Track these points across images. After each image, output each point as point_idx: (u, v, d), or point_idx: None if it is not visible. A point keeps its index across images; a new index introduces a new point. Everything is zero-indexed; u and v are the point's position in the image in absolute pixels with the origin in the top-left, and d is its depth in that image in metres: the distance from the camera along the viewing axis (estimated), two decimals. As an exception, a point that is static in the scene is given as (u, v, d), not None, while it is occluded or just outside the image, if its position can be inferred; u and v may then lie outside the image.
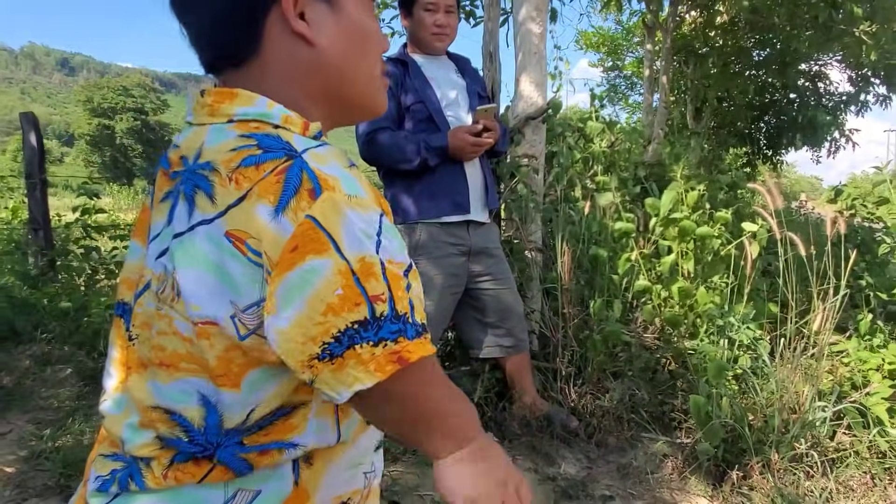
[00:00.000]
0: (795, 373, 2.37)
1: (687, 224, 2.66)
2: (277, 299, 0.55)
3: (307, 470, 0.67)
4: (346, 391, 0.57)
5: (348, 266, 0.55)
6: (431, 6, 2.39)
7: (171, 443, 0.63)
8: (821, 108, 9.99)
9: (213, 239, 0.57)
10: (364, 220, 0.57)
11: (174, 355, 0.61)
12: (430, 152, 2.27)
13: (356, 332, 0.56)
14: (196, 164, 0.62)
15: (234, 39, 0.66)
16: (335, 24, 0.68)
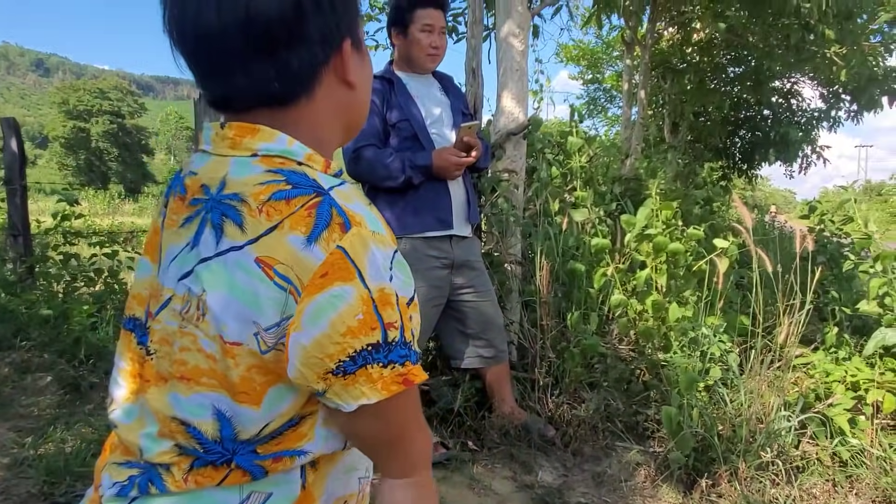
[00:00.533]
0: (762, 384, 2.47)
1: (660, 240, 2.75)
2: (304, 318, 0.62)
3: (313, 474, 0.73)
4: (353, 403, 0.64)
5: (369, 294, 0.62)
6: (428, 27, 2.46)
7: (189, 452, 0.68)
8: (793, 125, 10.26)
9: (241, 264, 0.64)
10: (384, 255, 0.65)
11: (196, 370, 0.67)
12: (415, 171, 2.34)
13: (369, 353, 0.63)
14: (222, 195, 0.67)
15: (293, 86, 0.70)
16: (362, 67, 0.77)
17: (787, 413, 2.39)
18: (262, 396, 0.66)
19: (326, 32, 0.70)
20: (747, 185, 14.20)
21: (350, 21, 0.73)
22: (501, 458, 2.50)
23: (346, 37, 0.72)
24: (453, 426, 2.69)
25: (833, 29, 5.36)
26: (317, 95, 0.72)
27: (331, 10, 0.70)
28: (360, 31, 0.76)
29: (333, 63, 0.72)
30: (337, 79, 0.73)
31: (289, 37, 0.67)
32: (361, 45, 0.77)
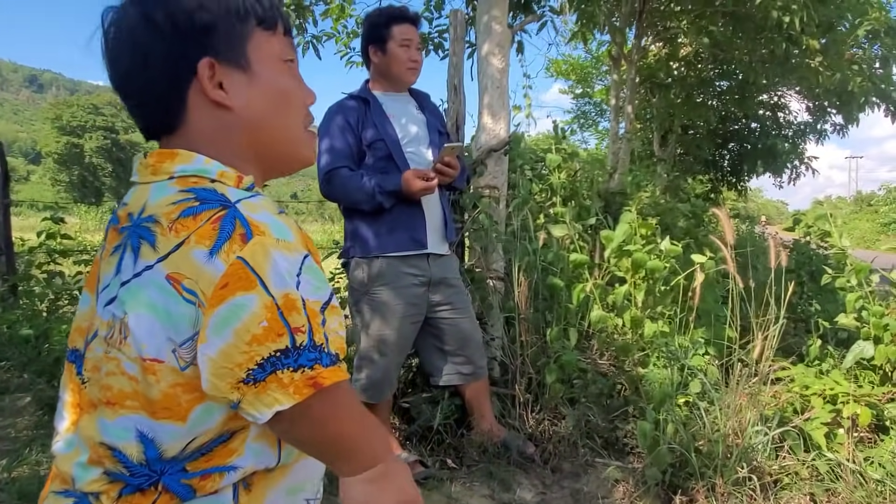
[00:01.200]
0: (739, 399, 2.47)
1: (639, 256, 2.77)
2: (209, 330, 0.63)
3: (246, 495, 0.73)
4: (267, 411, 0.64)
5: (273, 301, 0.63)
6: (406, 42, 2.48)
7: (117, 477, 0.68)
8: (780, 137, 10.37)
9: (154, 282, 0.65)
10: (288, 261, 0.65)
11: (120, 394, 0.68)
12: (384, 196, 2.35)
13: (278, 359, 0.63)
14: (140, 219, 0.70)
15: (164, 112, 0.75)
16: (250, 88, 0.76)
17: (763, 428, 2.40)
18: (188, 413, 0.67)
19: (172, 54, 0.73)
20: (739, 196, 14.31)
21: (211, 40, 0.73)
22: (480, 476, 2.49)
23: (205, 56, 0.73)
24: (433, 444, 2.68)
25: (816, 39, 5.43)
26: (189, 120, 0.75)
27: (173, 31, 0.72)
28: (240, 48, 0.75)
29: (196, 84, 0.74)
30: (207, 102, 0.74)
31: (135, 66, 0.74)
32: (243, 62, 0.75)
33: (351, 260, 2.50)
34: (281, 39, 0.80)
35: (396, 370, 2.55)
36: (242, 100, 0.76)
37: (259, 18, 0.77)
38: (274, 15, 0.79)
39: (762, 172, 10.76)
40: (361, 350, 2.48)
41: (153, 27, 0.72)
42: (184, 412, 0.67)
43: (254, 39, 0.77)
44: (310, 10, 4.86)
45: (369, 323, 2.44)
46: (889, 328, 2.76)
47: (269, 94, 0.77)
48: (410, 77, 2.53)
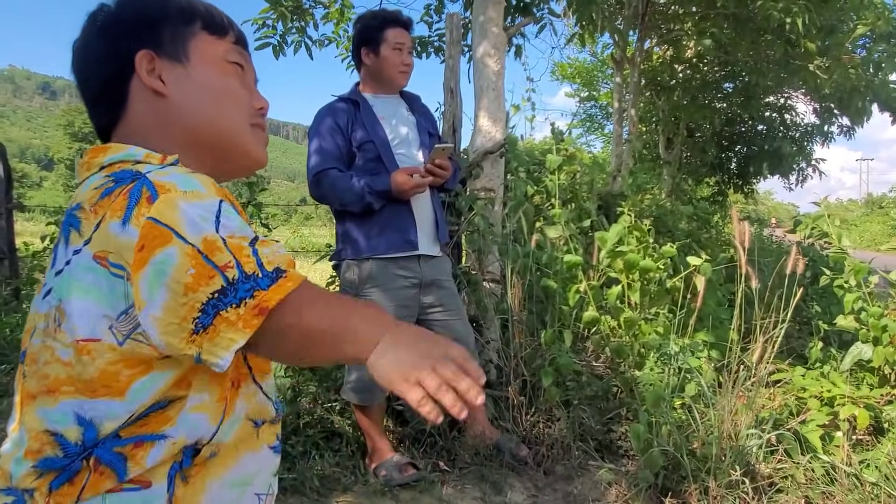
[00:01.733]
0: (735, 401, 2.45)
1: (632, 257, 2.75)
2: (142, 294, 0.63)
3: (182, 487, 0.72)
4: (227, 354, 0.64)
5: (194, 248, 0.64)
6: (399, 45, 2.49)
7: (46, 465, 0.68)
8: (787, 139, 10.30)
9: (83, 265, 0.67)
10: (201, 207, 0.66)
11: (56, 380, 0.69)
12: (373, 196, 2.35)
13: (218, 300, 0.63)
14: (70, 210, 0.72)
15: (110, 106, 0.80)
16: (187, 81, 0.81)
17: (757, 430, 2.37)
18: (128, 388, 0.68)
19: (113, 48, 0.79)
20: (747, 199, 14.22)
21: (148, 33, 0.79)
22: (472, 479, 2.48)
23: (142, 49, 0.79)
24: (425, 446, 2.68)
25: (815, 42, 5.40)
26: (130, 110, 0.80)
27: (114, 26, 0.79)
28: (181, 44, 0.81)
29: (138, 76, 0.79)
30: (146, 91, 0.79)
31: (86, 65, 0.81)
32: (182, 57, 0.81)
33: (342, 262, 2.50)
34: (228, 45, 0.85)
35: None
36: (177, 89, 0.80)
37: (205, 23, 0.83)
38: (223, 25, 0.85)
39: (769, 175, 10.69)
40: (353, 352, 2.47)
41: (100, 29, 0.80)
42: (123, 387, 0.68)
43: (197, 39, 0.82)
44: (310, 14, 4.89)
45: (360, 325, 2.43)
46: (888, 329, 2.72)
47: (205, 88, 0.81)
48: (402, 80, 2.53)
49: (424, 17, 5.21)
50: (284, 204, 11.93)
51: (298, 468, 2.40)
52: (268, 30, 4.95)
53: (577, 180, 4.22)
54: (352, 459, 2.55)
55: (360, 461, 2.55)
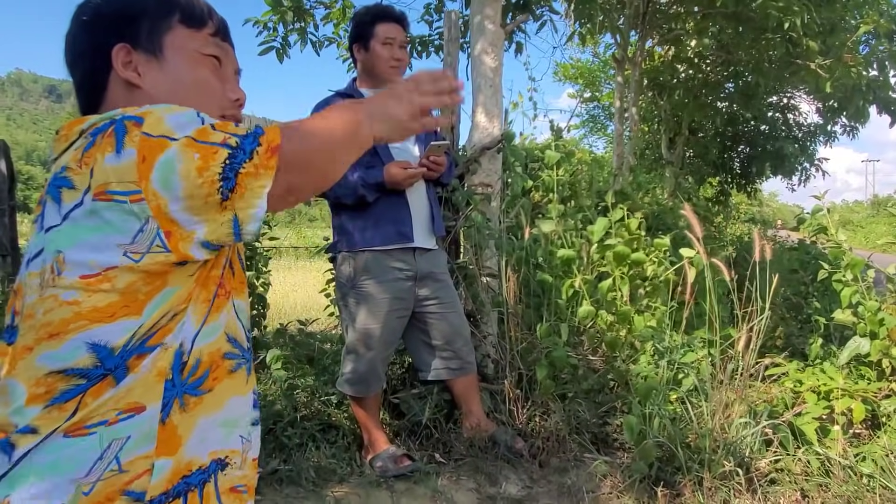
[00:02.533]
0: (728, 393, 2.45)
1: (621, 249, 2.76)
2: (161, 195, 0.69)
3: (179, 413, 0.76)
4: (261, 201, 0.71)
5: (189, 138, 0.69)
6: (389, 40, 2.51)
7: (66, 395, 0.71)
8: (789, 139, 10.29)
9: (86, 211, 0.70)
10: (183, 115, 0.72)
11: (62, 322, 0.72)
12: (367, 189, 2.37)
13: (231, 164, 0.69)
14: (55, 174, 0.75)
15: (91, 95, 0.86)
16: (160, 73, 0.85)
17: (750, 422, 2.38)
18: (145, 305, 0.72)
19: (96, 45, 0.84)
20: (749, 199, 14.19)
21: (127, 27, 0.84)
22: (467, 471, 2.49)
23: (119, 42, 0.83)
24: (421, 438, 2.69)
25: (816, 42, 5.39)
26: (107, 97, 0.85)
27: (95, 20, 0.84)
28: (156, 38, 0.85)
29: (114, 68, 0.84)
30: (121, 82, 0.84)
31: (73, 56, 0.86)
32: (156, 50, 0.85)
33: (338, 254, 2.52)
34: (205, 38, 0.88)
35: (383, 364, 2.56)
36: (151, 82, 0.84)
37: (183, 15, 0.87)
38: (202, 16, 0.89)
39: (771, 175, 10.68)
40: (348, 343, 2.49)
41: (84, 22, 0.85)
42: (141, 305, 0.72)
43: (173, 33, 0.86)
44: (310, 14, 4.91)
45: (355, 316, 2.45)
46: (885, 323, 2.72)
47: (177, 80, 0.86)
48: (393, 75, 2.55)
49: (425, 17, 5.22)
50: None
51: (295, 459, 2.42)
52: (270, 33, 4.98)
53: (577, 178, 4.23)
54: (348, 451, 2.57)
55: (357, 453, 2.57)
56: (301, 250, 11.43)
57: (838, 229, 3.00)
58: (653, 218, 4.03)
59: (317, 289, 4.48)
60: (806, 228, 4.58)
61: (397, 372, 3.08)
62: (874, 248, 21.43)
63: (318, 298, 4.84)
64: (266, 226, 3.58)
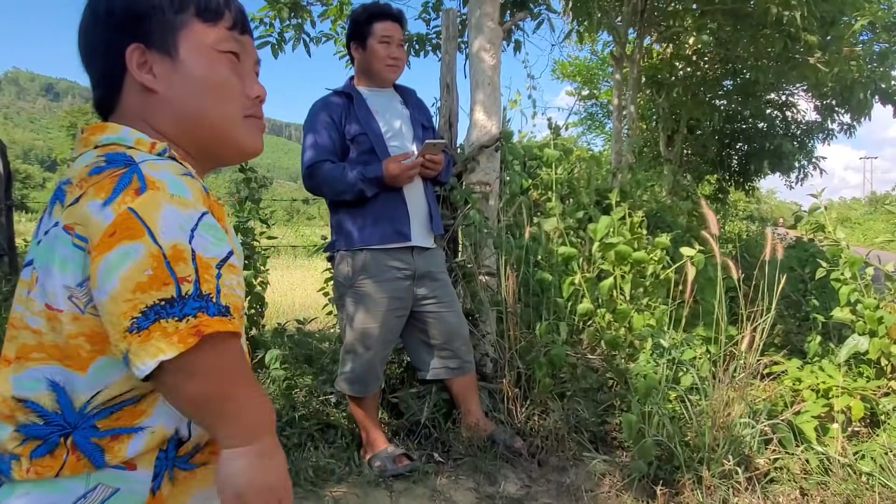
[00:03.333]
0: (728, 392, 2.45)
1: (622, 248, 2.75)
2: (98, 276, 0.64)
3: (168, 485, 0.74)
4: (151, 361, 0.63)
5: (160, 251, 0.64)
6: (386, 39, 2.50)
7: (29, 431, 0.69)
8: (787, 137, 10.29)
9: (57, 235, 0.69)
10: (182, 215, 0.66)
11: (24, 347, 0.70)
12: (366, 183, 2.37)
13: (162, 308, 0.63)
14: (60, 183, 0.74)
15: (106, 93, 0.82)
16: (176, 75, 0.80)
17: (749, 420, 2.37)
18: (88, 365, 0.69)
19: (110, 41, 0.80)
20: (747, 196, 14.19)
21: (141, 27, 0.80)
22: (466, 470, 2.49)
23: (133, 44, 0.79)
24: (420, 438, 2.68)
25: (816, 36, 5.38)
26: (123, 100, 0.82)
27: (108, 18, 0.80)
28: (171, 37, 0.81)
29: (129, 70, 0.80)
30: (137, 84, 0.80)
31: (87, 51, 0.83)
32: (171, 50, 0.80)
33: (336, 253, 2.51)
34: (222, 32, 0.83)
35: (382, 363, 2.56)
36: (167, 84, 0.80)
37: (198, 9, 0.82)
38: (218, 9, 0.83)
39: (770, 173, 10.68)
40: (346, 343, 2.49)
41: (97, 18, 0.81)
42: (84, 363, 0.69)
43: (187, 29, 0.81)
44: (307, 11, 4.89)
45: (353, 316, 2.44)
46: (883, 321, 2.72)
47: (194, 81, 0.81)
48: (390, 74, 2.54)
49: (422, 14, 5.20)
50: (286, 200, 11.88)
51: (293, 459, 2.41)
52: (266, 28, 4.96)
53: (576, 175, 4.23)
54: (346, 451, 2.56)
55: (355, 452, 2.56)
56: (299, 249, 11.40)
57: (836, 227, 3.00)
58: (651, 216, 4.02)
59: (315, 288, 4.48)
60: (804, 226, 4.59)
61: (396, 371, 3.07)
62: (872, 246, 21.46)
63: (316, 297, 4.83)
64: (264, 224, 3.56)
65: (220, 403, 0.70)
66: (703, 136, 10.55)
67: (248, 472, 0.71)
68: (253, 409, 0.72)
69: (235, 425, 0.71)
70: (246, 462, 0.71)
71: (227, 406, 0.70)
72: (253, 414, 0.72)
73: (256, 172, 3.38)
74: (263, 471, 0.72)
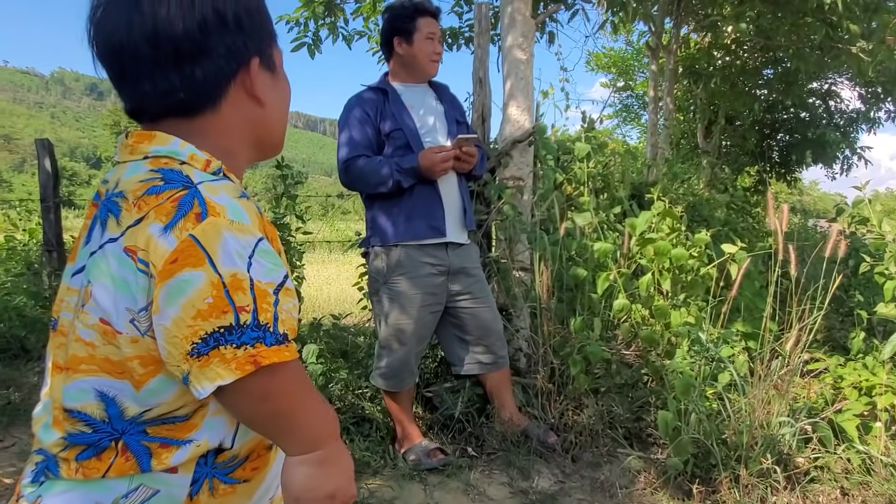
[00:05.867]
0: (767, 390, 2.41)
1: (662, 244, 2.72)
2: (160, 301, 0.66)
3: (207, 494, 0.76)
4: (209, 385, 0.67)
5: (220, 279, 0.66)
6: (431, 35, 2.53)
7: (74, 439, 0.72)
8: (831, 126, 9.98)
9: (115, 254, 0.69)
10: (240, 242, 0.68)
11: (74, 358, 0.72)
12: (402, 174, 2.40)
13: (221, 335, 0.66)
14: (111, 194, 0.74)
15: (198, 97, 0.77)
16: (274, 88, 0.84)
17: (789, 419, 2.33)
18: (143, 384, 0.71)
19: (233, 49, 0.77)
20: (789, 188, 13.81)
21: (259, 41, 0.80)
22: (500, 465, 2.50)
23: (255, 55, 0.80)
24: (454, 432, 2.70)
25: (858, 24, 5.21)
26: (223, 108, 0.79)
27: (237, 28, 0.77)
28: (275, 54, 0.84)
29: (241, 78, 0.79)
30: (245, 94, 0.80)
31: (193, 50, 0.74)
32: (276, 67, 0.83)
33: (371, 250, 2.54)
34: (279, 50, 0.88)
35: (416, 359, 2.58)
36: (268, 97, 0.83)
37: (273, 30, 0.86)
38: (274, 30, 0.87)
39: (811, 163, 10.38)
40: (381, 339, 2.52)
41: (218, 18, 0.75)
42: (138, 382, 0.71)
43: (275, 48, 0.85)
44: (340, 9, 4.94)
45: (388, 312, 2.47)
46: (931, 318, 2.64)
47: (283, 93, 0.86)
48: (433, 69, 2.57)
49: (455, 8, 5.21)
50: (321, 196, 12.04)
51: (329, 452, 2.45)
52: (301, 29, 5.03)
53: (610, 169, 4.17)
54: (381, 444, 2.60)
55: (390, 446, 2.59)
56: (334, 244, 11.52)
57: (882, 219, 2.91)
58: (689, 209, 3.96)
59: (349, 283, 4.53)
60: (846, 218, 4.47)
61: (430, 366, 3.09)
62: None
63: (351, 292, 4.89)
64: (300, 220, 3.61)
65: (280, 420, 0.73)
66: (743, 127, 10.31)
67: (307, 481, 0.75)
68: (313, 420, 0.76)
69: (297, 437, 0.75)
70: (306, 470, 0.75)
71: (287, 422, 0.74)
72: (314, 425, 0.76)
73: (292, 168, 3.42)
74: (323, 478, 0.76)
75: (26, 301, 4.01)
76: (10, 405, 3.07)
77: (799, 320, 2.54)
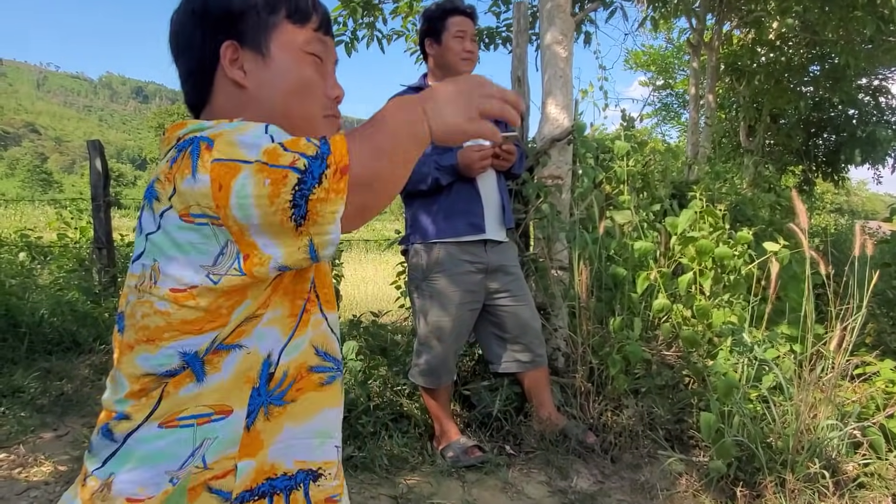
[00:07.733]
0: (814, 393, 2.35)
1: (704, 243, 2.68)
2: (241, 221, 0.69)
3: (263, 419, 0.79)
4: (334, 227, 0.69)
5: (259, 162, 0.68)
6: (460, 33, 2.54)
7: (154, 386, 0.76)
8: (882, 124, 9.65)
9: (173, 225, 0.73)
10: (250, 133, 0.71)
11: (157, 330, 0.75)
12: (441, 171, 2.42)
13: (301, 190, 0.67)
14: (150, 183, 0.79)
15: (198, 90, 0.86)
16: (265, 72, 0.84)
17: (837, 423, 2.27)
18: (230, 317, 0.75)
19: (207, 37, 0.84)
20: (836, 188, 13.40)
21: (233, 27, 0.84)
22: (538, 463, 2.49)
23: (227, 40, 0.83)
24: (492, 430, 2.71)
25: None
26: (213, 96, 0.86)
27: (203, 17, 0.84)
28: (263, 36, 0.84)
29: (222, 65, 0.84)
30: (228, 80, 0.84)
31: (183, 46, 0.86)
32: (263, 49, 0.84)
33: (410, 247, 2.56)
34: (310, 34, 0.87)
35: (454, 356, 2.59)
36: (256, 81, 0.84)
37: (290, 11, 0.85)
38: (307, 11, 0.87)
39: (860, 162, 10.05)
40: (420, 336, 2.54)
41: (192, 14, 0.85)
42: (225, 318, 0.74)
43: (279, 30, 0.85)
44: (379, 9, 4.98)
45: (427, 310, 2.49)
46: None
47: (282, 79, 0.85)
48: (465, 67, 2.57)
49: (492, 8, 5.20)
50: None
51: (368, 447, 2.49)
52: (339, 27, 5.09)
53: (650, 168, 4.12)
54: (419, 441, 2.62)
55: (428, 442, 2.61)
56: (371, 243, 11.63)
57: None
58: (732, 209, 3.88)
59: (387, 281, 4.57)
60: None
61: (468, 364, 3.10)
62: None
63: (388, 291, 4.93)
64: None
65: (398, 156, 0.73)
66: (788, 125, 10.05)
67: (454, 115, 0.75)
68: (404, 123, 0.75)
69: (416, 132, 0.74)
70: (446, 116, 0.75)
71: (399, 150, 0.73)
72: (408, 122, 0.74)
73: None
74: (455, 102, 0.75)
75: (78, 296, 4.15)
76: (63, 396, 3.18)
77: (841, 321, 2.47)
